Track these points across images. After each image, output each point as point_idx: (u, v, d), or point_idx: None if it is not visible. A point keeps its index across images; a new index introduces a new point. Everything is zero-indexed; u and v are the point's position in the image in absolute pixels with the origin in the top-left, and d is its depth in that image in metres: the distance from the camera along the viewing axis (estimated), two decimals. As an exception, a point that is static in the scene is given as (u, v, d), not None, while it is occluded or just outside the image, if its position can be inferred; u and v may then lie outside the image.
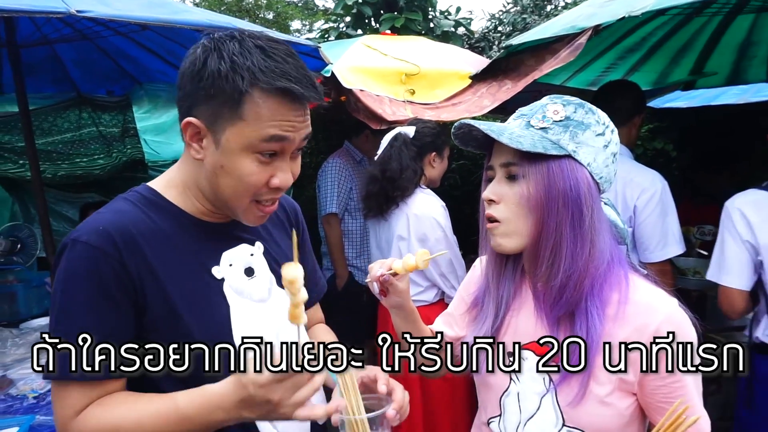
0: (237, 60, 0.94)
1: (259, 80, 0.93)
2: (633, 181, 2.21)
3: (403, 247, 2.55)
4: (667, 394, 1.01)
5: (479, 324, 1.18)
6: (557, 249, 1.00)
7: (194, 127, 0.99)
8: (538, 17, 7.82)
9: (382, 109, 2.84)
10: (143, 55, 3.26)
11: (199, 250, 1.07)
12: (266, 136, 0.95)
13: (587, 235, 1.01)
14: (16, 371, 2.25)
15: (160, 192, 1.09)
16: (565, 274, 1.00)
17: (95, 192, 4.51)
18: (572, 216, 0.99)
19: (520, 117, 1.06)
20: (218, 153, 0.98)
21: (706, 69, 3.45)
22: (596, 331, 1.00)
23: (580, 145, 1.01)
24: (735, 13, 2.84)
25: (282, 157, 1.00)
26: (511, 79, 2.65)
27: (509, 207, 1.04)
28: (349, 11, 5.97)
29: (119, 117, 3.90)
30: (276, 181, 1.00)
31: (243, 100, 0.94)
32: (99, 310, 0.95)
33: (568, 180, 0.99)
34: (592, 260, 1.02)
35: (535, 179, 1.00)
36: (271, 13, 11.79)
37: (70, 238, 0.98)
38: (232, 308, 1.08)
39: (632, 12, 1.86)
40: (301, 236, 1.35)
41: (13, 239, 3.41)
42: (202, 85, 0.95)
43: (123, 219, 1.01)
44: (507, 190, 1.04)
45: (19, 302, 3.19)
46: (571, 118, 1.02)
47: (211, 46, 0.97)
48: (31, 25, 2.85)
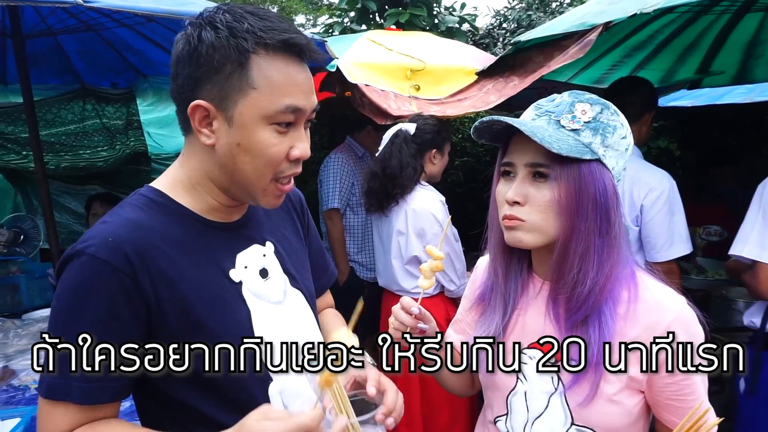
0: (234, 25, 0.91)
1: (262, 38, 0.90)
2: (641, 180, 2.19)
3: (402, 242, 2.56)
4: (676, 391, 1.01)
5: (487, 322, 1.17)
6: (586, 255, 0.99)
7: (202, 109, 0.94)
8: (543, 14, 7.78)
9: (387, 104, 2.83)
10: (148, 48, 3.25)
11: (214, 253, 1.03)
12: (282, 106, 0.92)
13: (614, 241, 1.00)
14: (18, 362, 2.25)
15: (166, 193, 1.03)
16: (593, 281, 0.99)
17: (98, 184, 4.51)
18: (601, 222, 0.99)
19: (545, 114, 1.03)
20: (233, 131, 0.94)
21: (713, 68, 3.43)
22: (609, 332, 1.00)
23: (608, 149, 1.00)
24: (743, 12, 2.82)
25: (297, 126, 0.97)
26: (517, 75, 2.64)
27: (535, 209, 1.01)
28: (353, 6, 5.95)
29: (123, 109, 3.90)
30: (296, 152, 0.97)
31: (250, 65, 0.91)
32: (103, 331, 0.89)
33: (599, 184, 0.98)
34: (616, 266, 1.01)
35: (566, 183, 0.97)
36: (275, 7, 11.76)
37: (76, 249, 0.91)
38: (253, 311, 1.04)
39: (644, 9, 1.84)
40: (308, 222, 1.34)
41: (16, 230, 3.42)
42: (203, 61, 0.91)
43: (134, 228, 0.95)
44: (533, 191, 1.01)
45: (22, 293, 3.20)
46: (598, 119, 1.00)
47: (200, 22, 0.93)
48: (36, 15, 2.84)
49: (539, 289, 1.13)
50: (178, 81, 0.96)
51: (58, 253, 2.76)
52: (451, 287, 2.56)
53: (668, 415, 1.04)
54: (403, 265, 2.59)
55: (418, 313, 1.15)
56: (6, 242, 3.32)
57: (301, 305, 1.18)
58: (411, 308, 1.15)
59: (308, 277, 1.25)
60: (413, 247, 2.52)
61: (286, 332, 1.09)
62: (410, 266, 2.57)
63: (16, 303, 3.17)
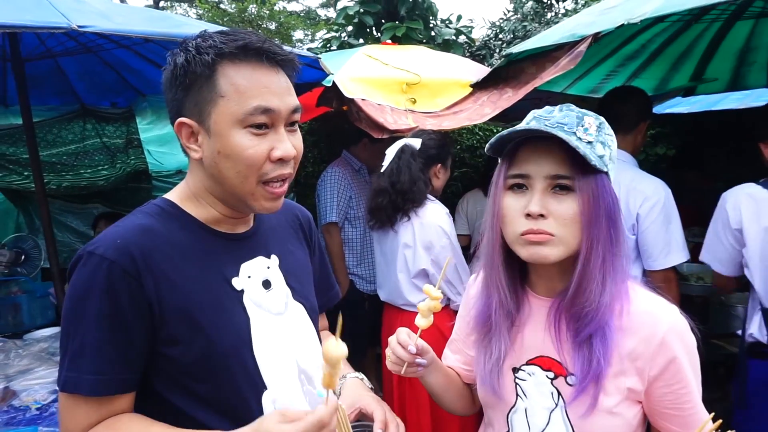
0: (200, 44, 0.99)
1: (221, 48, 0.97)
2: (636, 188, 2.20)
3: (409, 255, 2.56)
4: (674, 400, 1.02)
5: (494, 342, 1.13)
6: (603, 267, 0.99)
7: (186, 126, 1.01)
8: (539, 25, 7.84)
9: (384, 118, 2.85)
10: (146, 67, 3.29)
11: (218, 261, 1.07)
12: (249, 107, 0.97)
13: (620, 251, 1.02)
14: (19, 382, 2.25)
15: (178, 204, 1.09)
16: (609, 294, 0.99)
17: (100, 202, 4.54)
18: (610, 234, 1.00)
19: (558, 126, 0.99)
20: (212, 140, 0.99)
21: (706, 75, 3.45)
22: (609, 347, 1.00)
23: (611, 162, 1.02)
24: (734, 19, 2.85)
25: (275, 129, 1.01)
26: (511, 87, 2.66)
27: (560, 222, 0.99)
28: (350, 21, 6.01)
29: (123, 128, 3.93)
30: (277, 153, 1.00)
31: (215, 76, 0.97)
32: (111, 325, 0.94)
33: (609, 196, 1.00)
34: (622, 280, 1.03)
35: (588, 195, 0.98)
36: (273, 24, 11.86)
37: (86, 250, 0.97)
38: (252, 320, 1.07)
39: (631, 19, 1.87)
40: (314, 243, 1.36)
41: (17, 250, 3.44)
42: (179, 82, 0.99)
43: (142, 232, 1.00)
44: (555, 204, 0.99)
45: (23, 313, 3.20)
46: (601, 133, 1.02)
47: (176, 50, 1.02)
48: (35, 39, 2.88)
49: (536, 305, 1.11)
50: (168, 106, 1.04)
51: (59, 272, 2.77)
52: (458, 300, 2.55)
53: (667, 424, 1.04)
54: (410, 279, 2.58)
55: (415, 351, 1.15)
56: (7, 263, 3.34)
57: (302, 318, 1.20)
58: (408, 347, 1.15)
59: (311, 292, 1.28)
60: (421, 260, 2.52)
61: (285, 343, 1.11)
62: (417, 280, 2.57)
63: (17, 323, 3.18)
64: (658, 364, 1.00)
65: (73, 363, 0.94)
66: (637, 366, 1.01)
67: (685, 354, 1.01)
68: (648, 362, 1.01)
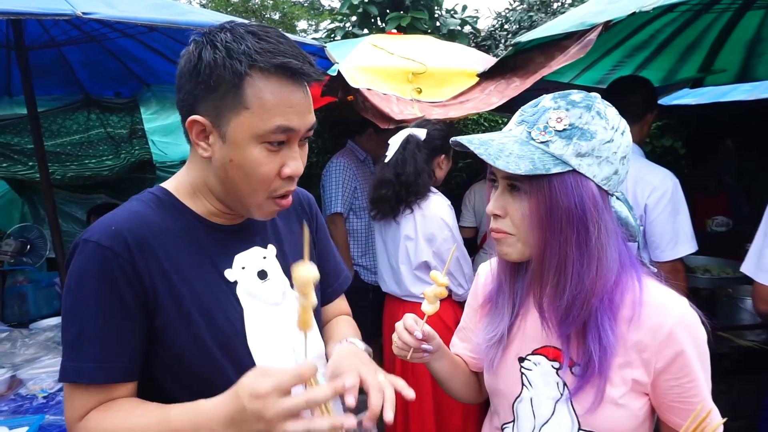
0: (231, 46, 0.93)
1: (257, 60, 0.93)
2: (644, 179, 2.18)
3: (411, 247, 2.55)
4: (680, 393, 1.00)
5: (495, 322, 1.16)
6: (562, 269, 0.97)
7: (199, 124, 0.98)
8: (545, 15, 7.78)
9: (390, 108, 2.84)
10: (151, 57, 3.28)
11: (211, 252, 1.06)
12: (272, 126, 0.94)
13: (594, 254, 0.97)
14: (26, 371, 2.26)
15: (174, 194, 1.08)
16: (571, 294, 0.98)
17: (104, 193, 4.54)
18: (578, 234, 0.96)
19: (522, 123, 1.01)
20: (225, 147, 0.97)
21: (715, 66, 3.42)
22: (609, 340, 0.99)
23: (584, 158, 0.95)
24: (744, 9, 2.81)
25: (290, 145, 0.99)
26: (519, 76, 2.64)
27: (514, 221, 1.01)
28: (355, 11, 5.98)
29: (127, 118, 3.92)
30: (287, 170, 0.99)
31: (243, 85, 0.93)
32: (109, 312, 0.94)
33: (572, 197, 0.94)
34: (599, 278, 0.98)
35: (536, 198, 0.96)
36: (277, 14, 11.82)
37: (82, 238, 0.97)
38: (246, 311, 1.06)
39: (643, 7, 1.84)
40: (317, 225, 1.34)
41: (22, 240, 3.45)
42: (201, 79, 0.94)
43: (136, 219, 1.00)
44: (511, 202, 1.01)
45: (29, 303, 3.22)
46: (575, 125, 0.95)
47: (203, 40, 0.96)
48: (39, 27, 2.87)
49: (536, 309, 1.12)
50: (181, 95, 1.00)
51: (65, 261, 2.77)
52: (459, 291, 2.56)
53: (673, 417, 1.03)
54: (412, 270, 2.58)
55: (421, 337, 1.15)
56: (13, 252, 3.35)
57: None
58: (414, 332, 1.15)
59: None
60: (423, 252, 2.52)
61: (281, 333, 1.10)
62: (419, 271, 2.57)
63: (23, 312, 3.19)
64: (665, 356, 0.99)
65: (72, 351, 0.94)
66: (643, 357, 1.00)
67: (693, 347, 0.99)
68: (654, 354, 0.99)
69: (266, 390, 0.80)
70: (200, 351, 0.99)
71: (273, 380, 0.81)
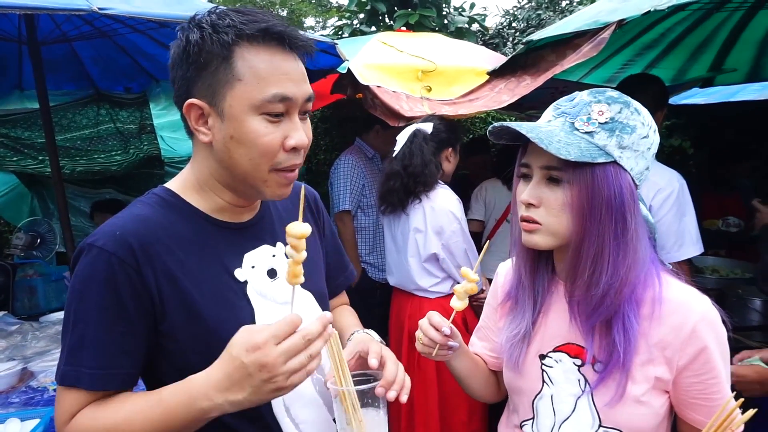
0: (217, 23, 0.94)
1: (242, 30, 0.93)
2: (650, 179, 2.15)
3: (420, 239, 2.56)
4: (702, 390, 1.01)
5: (516, 320, 1.16)
6: (599, 258, 0.99)
7: (196, 107, 0.97)
8: (553, 13, 7.76)
9: (400, 106, 2.84)
10: (161, 53, 3.28)
11: (220, 252, 1.04)
12: (269, 95, 0.94)
13: (630, 244, 0.99)
14: (36, 364, 2.27)
15: (178, 193, 1.06)
16: (607, 284, 0.99)
17: (112, 188, 4.57)
18: (616, 224, 0.98)
19: (562, 115, 1.02)
20: (225, 124, 0.95)
21: (726, 65, 3.39)
22: (633, 334, 1.00)
23: (625, 150, 0.98)
24: (756, 8, 2.79)
25: (289, 117, 0.98)
26: (530, 74, 2.63)
27: (550, 211, 1.02)
28: (362, 8, 5.97)
29: (136, 114, 3.94)
30: (291, 142, 0.97)
31: (233, 57, 0.93)
32: (111, 319, 0.93)
33: (613, 187, 0.97)
34: (633, 268, 1.00)
35: (579, 186, 0.98)
36: (285, 11, 11.82)
37: (86, 243, 0.96)
38: (257, 311, 1.05)
39: (658, 6, 1.82)
40: (322, 222, 1.34)
41: (32, 234, 3.47)
42: (191, 60, 0.94)
43: (141, 224, 0.98)
44: (548, 193, 1.02)
45: (39, 296, 3.24)
46: (616, 119, 0.98)
47: (188, 25, 0.97)
48: (51, 22, 2.88)
49: (561, 291, 1.13)
50: (175, 85, 1.00)
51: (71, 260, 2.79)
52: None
53: (694, 414, 1.03)
54: (421, 263, 2.59)
55: (449, 333, 1.16)
56: (23, 246, 3.37)
57: (311, 306, 1.18)
58: (442, 327, 1.15)
59: (321, 278, 1.26)
60: (431, 245, 2.53)
61: None
62: (428, 264, 2.58)
63: (33, 306, 3.22)
64: (688, 353, 0.99)
65: (72, 356, 0.93)
66: (666, 355, 1.01)
67: (716, 344, 1.00)
68: (677, 351, 1.00)
69: (264, 339, 0.82)
70: (210, 353, 0.95)
71: (268, 330, 0.83)
